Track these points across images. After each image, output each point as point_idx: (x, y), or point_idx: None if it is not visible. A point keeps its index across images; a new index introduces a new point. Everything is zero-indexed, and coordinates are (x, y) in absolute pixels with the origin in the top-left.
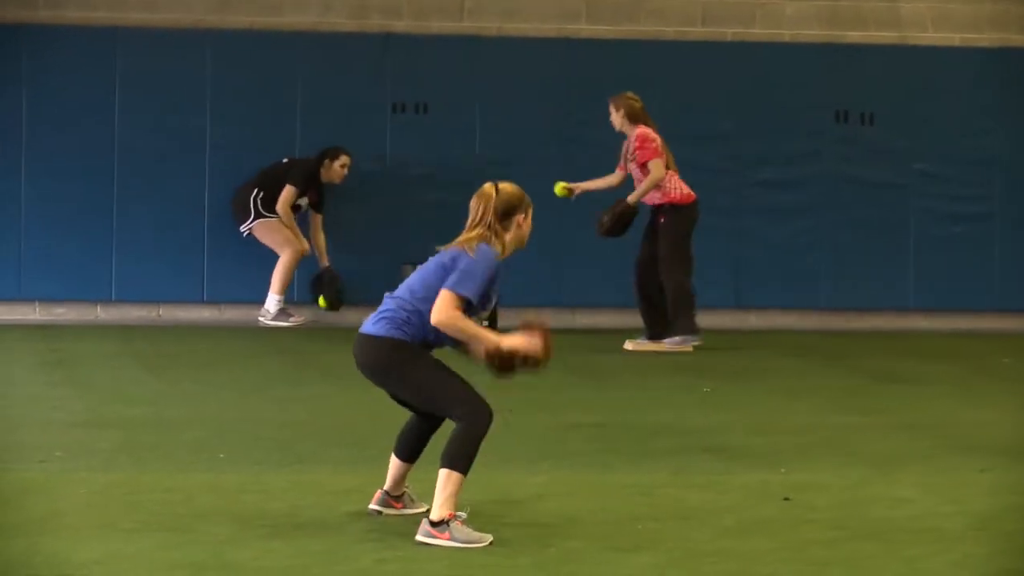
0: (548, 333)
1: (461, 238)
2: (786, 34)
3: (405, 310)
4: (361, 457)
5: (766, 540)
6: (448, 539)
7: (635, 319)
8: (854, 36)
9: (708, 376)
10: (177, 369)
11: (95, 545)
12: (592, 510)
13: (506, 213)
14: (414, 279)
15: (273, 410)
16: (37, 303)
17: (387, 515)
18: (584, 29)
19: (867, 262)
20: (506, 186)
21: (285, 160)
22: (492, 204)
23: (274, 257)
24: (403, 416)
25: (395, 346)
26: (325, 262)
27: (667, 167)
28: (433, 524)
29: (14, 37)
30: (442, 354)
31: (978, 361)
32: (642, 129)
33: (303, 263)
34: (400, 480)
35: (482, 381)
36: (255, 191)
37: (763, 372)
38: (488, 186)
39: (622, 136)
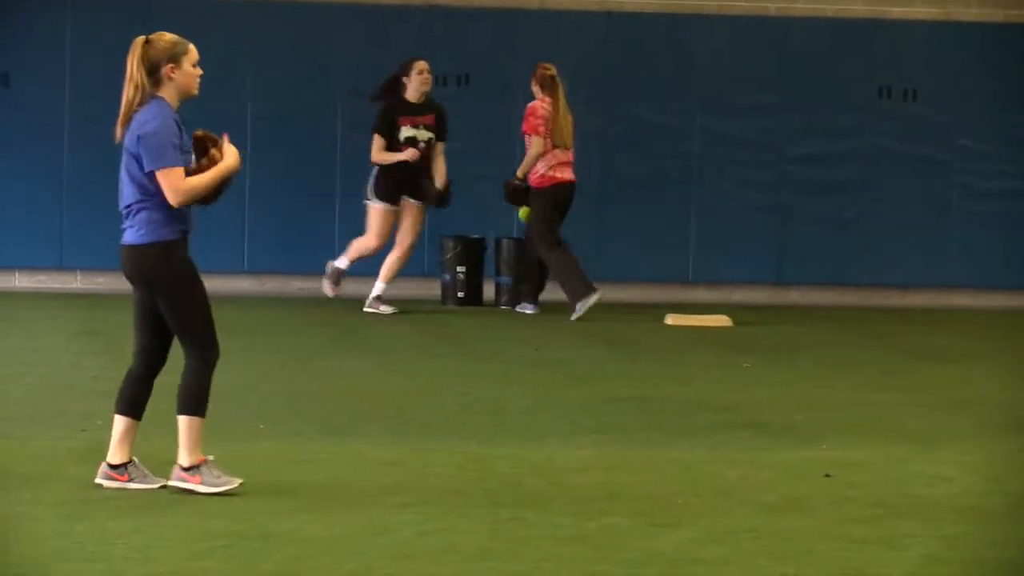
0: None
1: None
2: (829, 9)
3: (147, 208)
4: (400, 430)
5: (805, 517)
6: (199, 483)
7: (675, 294)
8: (897, 12)
9: (748, 352)
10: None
11: (135, 515)
12: (632, 485)
13: (153, 67)
14: (124, 182)
15: (312, 381)
16: (78, 272)
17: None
18: (627, 3)
19: (909, 239)
20: (159, 37)
21: None
22: (137, 61)
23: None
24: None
25: (170, 250)
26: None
27: (554, 145)
28: (185, 469)
29: (59, 6)
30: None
31: (1020, 339)
32: (535, 102)
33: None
34: (124, 444)
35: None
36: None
37: (804, 348)
38: (138, 40)
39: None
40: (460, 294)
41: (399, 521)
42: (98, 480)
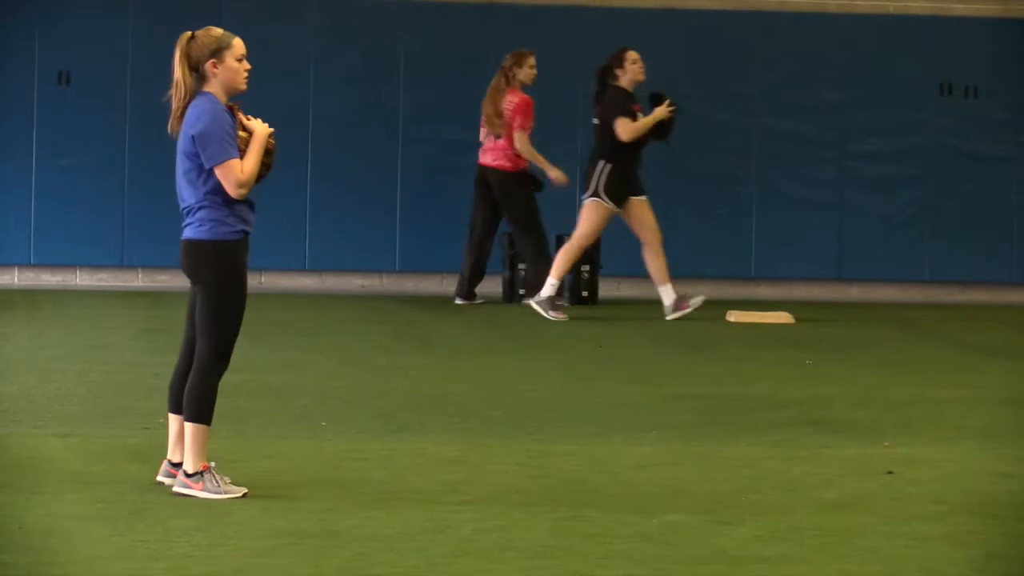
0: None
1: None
2: (891, 6)
3: (207, 207)
4: (462, 427)
5: (868, 514)
6: (201, 489)
7: (737, 291)
8: (958, 8)
9: (810, 348)
10: (279, 337)
11: (199, 511)
12: (695, 481)
13: (196, 62)
14: (181, 183)
15: (374, 378)
16: (140, 270)
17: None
18: (688, 1)
19: (970, 235)
20: (206, 31)
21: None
22: (181, 56)
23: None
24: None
25: (225, 249)
26: None
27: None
28: (188, 475)
29: (120, 5)
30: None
31: None
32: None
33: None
34: (182, 441)
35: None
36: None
37: (865, 345)
38: (183, 36)
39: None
40: (522, 291)
41: (460, 518)
42: (159, 478)
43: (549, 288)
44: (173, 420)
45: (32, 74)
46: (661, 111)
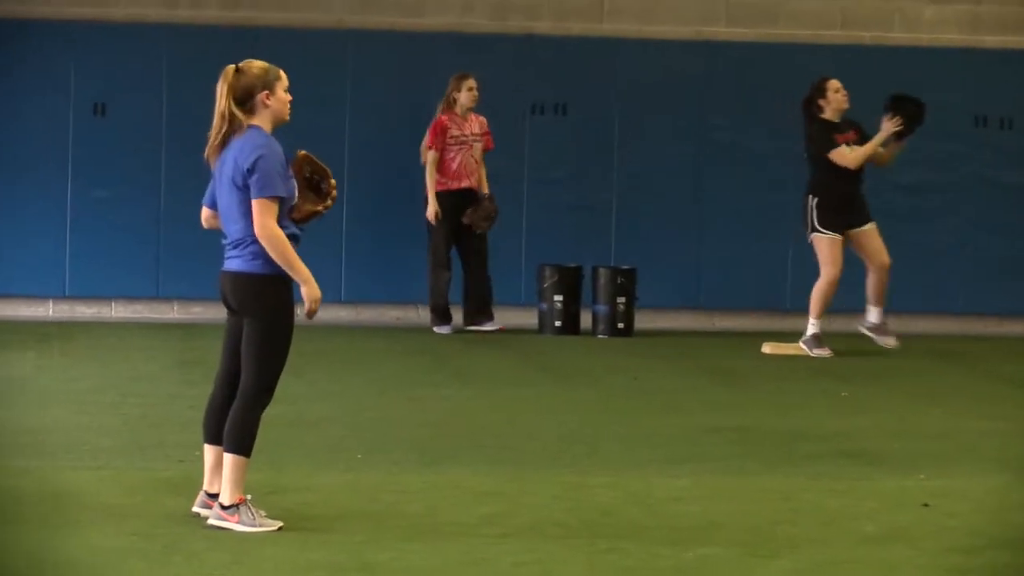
0: (304, 163)
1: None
2: (924, 38)
3: (248, 241)
4: (498, 459)
5: (905, 547)
6: (237, 522)
7: (773, 322)
8: (992, 40)
9: (846, 380)
10: (314, 368)
11: (234, 544)
12: (731, 514)
13: (247, 95)
14: (230, 217)
15: (409, 410)
16: (175, 302)
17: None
18: (722, 32)
19: (1006, 267)
20: (250, 64)
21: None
22: (228, 89)
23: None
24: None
25: (273, 285)
26: None
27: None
28: (224, 508)
29: (154, 36)
30: None
31: None
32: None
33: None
34: (219, 472)
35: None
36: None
37: (901, 376)
38: (229, 69)
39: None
40: (557, 323)
41: (496, 551)
42: (195, 508)
43: (812, 327)
44: (209, 451)
45: (67, 105)
46: (888, 127)
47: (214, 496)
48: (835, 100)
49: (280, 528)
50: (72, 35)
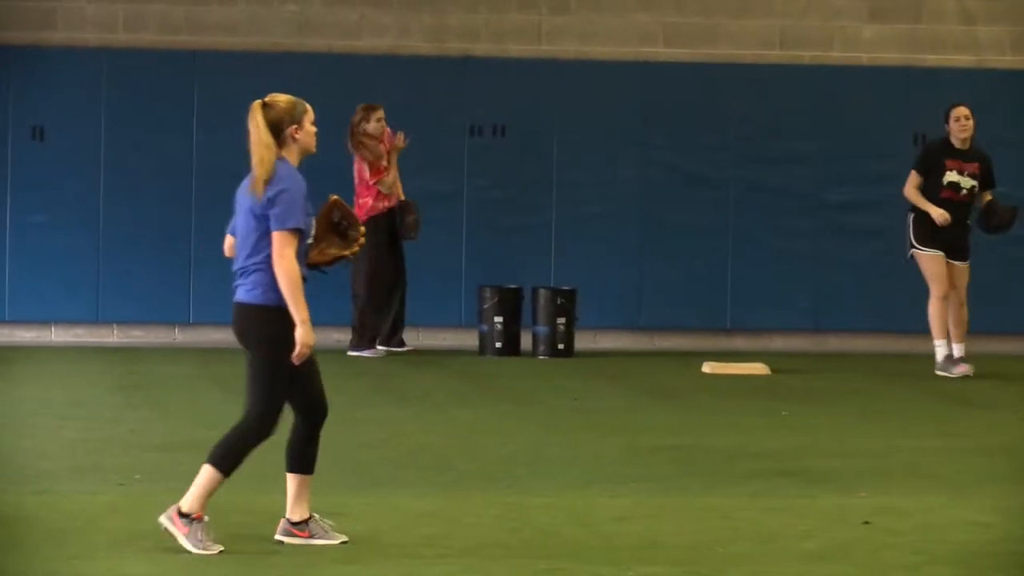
0: (335, 208)
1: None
2: (864, 57)
3: (263, 270)
4: (438, 480)
5: (846, 565)
6: (186, 534)
7: (714, 342)
8: (932, 59)
9: (786, 399)
10: None
11: (175, 568)
12: (672, 533)
13: (276, 129)
14: (243, 243)
15: (351, 433)
16: (115, 326)
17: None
18: (661, 52)
19: None
20: (277, 99)
21: None
22: (263, 123)
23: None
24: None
25: (273, 316)
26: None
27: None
28: (180, 515)
29: (93, 60)
30: None
31: None
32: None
33: None
34: (301, 499)
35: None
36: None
37: (842, 395)
38: (256, 103)
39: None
40: (498, 344)
41: (437, 572)
42: (278, 536)
43: (941, 349)
44: (290, 479)
45: (6, 129)
46: (936, 211)
47: (296, 524)
48: (954, 129)
49: (220, 552)
50: (10, 59)
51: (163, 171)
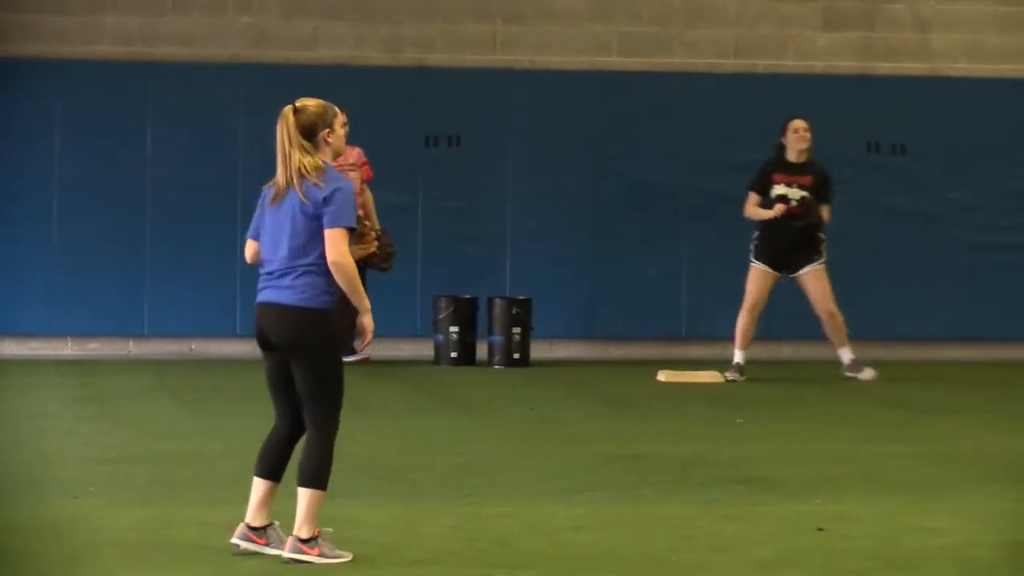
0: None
1: (310, 175)
2: (818, 66)
3: (313, 272)
4: (394, 490)
5: (801, 571)
6: (318, 555)
7: (669, 350)
8: (886, 68)
9: (742, 407)
10: (210, 403)
11: None
12: (627, 542)
13: (309, 134)
14: (288, 244)
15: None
16: (70, 338)
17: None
18: (616, 62)
19: (900, 291)
20: (307, 104)
21: None
22: (293, 128)
23: None
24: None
25: (325, 319)
26: None
27: None
28: (303, 541)
29: (48, 72)
30: None
31: (1012, 390)
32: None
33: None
34: (264, 507)
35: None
36: None
37: (796, 402)
38: (287, 110)
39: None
40: (453, 354)
41: None
42: (235, 540)
43: (736, 356)
44: (260, 485)
45: None
46: (767, 213)
47: (255, 529)
48: (792, 140)
49: (352, 558)
50: None
51: (118, 183)
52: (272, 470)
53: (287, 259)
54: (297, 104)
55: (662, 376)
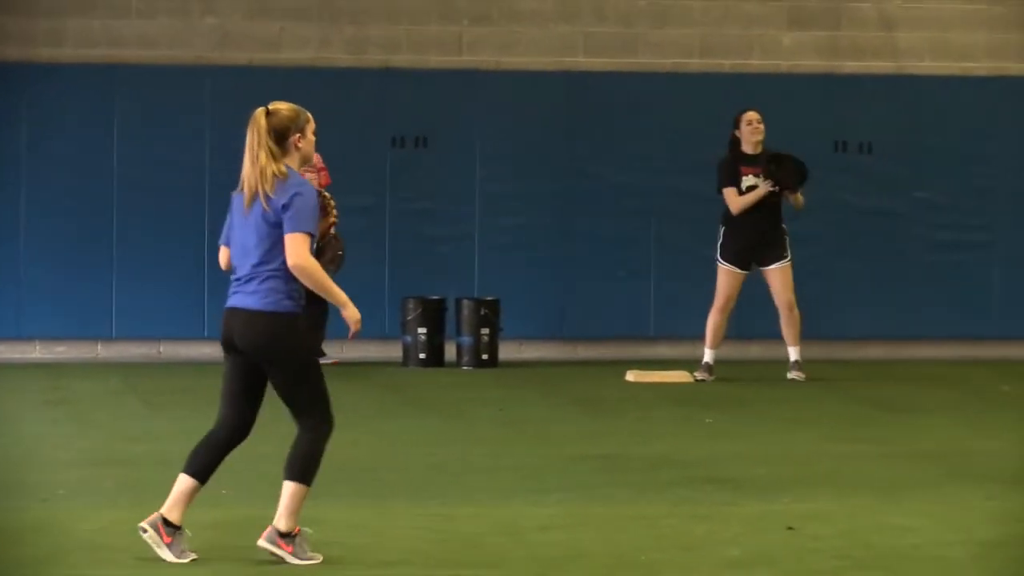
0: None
1: (267, 183)
2: (783, 65)
3: (278, 277)
4: (363, 492)
5: (770, 570)
6: (291, 552)
7: (637, 351)
8: (852, 66)
9: (710, 407)
10: (179, 406)
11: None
12: (597, 542)
13: (280, 138)
14: (251, 250)
15: (275, 445)
16: (37, 341)
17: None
18: (582, 62)
19: (867, 290)
20: (279, 107)
21: None
22: (263, 131)
23: None
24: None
25: (293, 322)
26: None
27: None
28: (281, 535)
29: (13, 75)
30: None
31: (978, 389)
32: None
33: None
34: (182, 505)
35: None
36: None
37: (765, 402)
38: (259, 110)
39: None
40: (422, 355)
41: None
42: (144, 524)
43: (706, 355)
44: (184, 480)
45: None
46: (764, 188)
47: (169, 524)
48: (746, 132)
49: (320, 561)
50: None
51: (84, 185)
52: (201, 469)
53: (253, 265)
54: (270, 107)
55: (631, 376)
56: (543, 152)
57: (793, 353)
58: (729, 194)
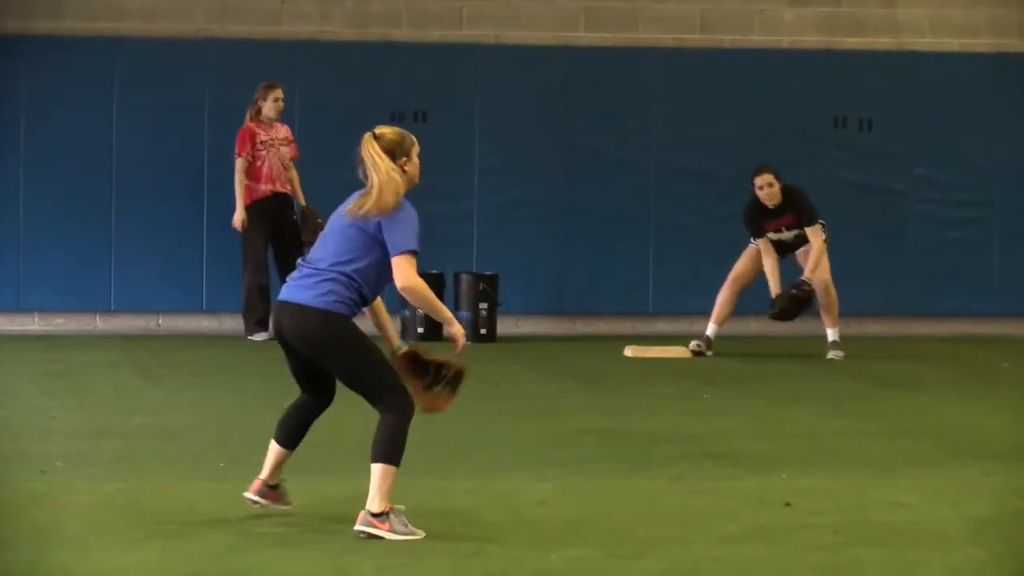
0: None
1: (372, 196)
2: (784, 40)
3: (340, 282)
4: (360, 465)
5: (767, 546)
6: (388, 530)
7: (635, 326)
8: (852, 42)
9: (709, 382)
10: (177, 379)
11: (97, 555)
12: (594, 516)
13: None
14: (333, 248)
15: (272, 419)
16: (36, 314)
17: (269, 507)
18: (582, 36)
19: (866, 267)
20: (384, 131)
21: None
22: (379, 151)
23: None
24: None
25: (341, 321)
26: None
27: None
28: (374, 515)
29: (12, 48)
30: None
31: (977, 365)
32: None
33: None
34: (278, 469)
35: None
36: None
37: (763, 378)
38: (367, 135)
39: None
40: (420, 330)
41: (360, 557)
42: (251, 496)
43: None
44: (274, 448)
45: None
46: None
47: (273, 487)
48: (760, 196)
49: (423, 536)
50: None
51: (84, 158)
52: (288, 437)
53: (324, 263)
54: (376, 131)
55: (629, 351)
56: (543, 127)
57: (831, 334)
58: (762, 245)
